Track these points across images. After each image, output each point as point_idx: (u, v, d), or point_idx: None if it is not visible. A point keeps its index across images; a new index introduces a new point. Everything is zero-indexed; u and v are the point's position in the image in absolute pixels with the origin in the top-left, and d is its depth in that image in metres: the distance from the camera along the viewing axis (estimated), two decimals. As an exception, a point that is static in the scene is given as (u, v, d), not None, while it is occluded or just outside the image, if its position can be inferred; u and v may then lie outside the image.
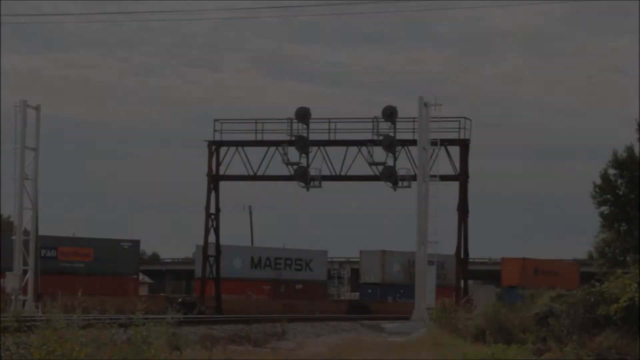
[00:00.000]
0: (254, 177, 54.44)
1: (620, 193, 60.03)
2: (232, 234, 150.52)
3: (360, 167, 54.55)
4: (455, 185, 52.00)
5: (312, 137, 53.08)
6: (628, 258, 59.27)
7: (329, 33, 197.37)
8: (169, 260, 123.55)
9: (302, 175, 52.76)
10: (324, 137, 53.26)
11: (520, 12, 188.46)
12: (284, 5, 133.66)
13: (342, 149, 53.20)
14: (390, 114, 51.93)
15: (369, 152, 52.26)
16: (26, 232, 50.81)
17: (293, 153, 53.18)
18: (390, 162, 52.01)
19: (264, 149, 53.82)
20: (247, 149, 54.31)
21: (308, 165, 53.05)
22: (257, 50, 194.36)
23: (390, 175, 51.76)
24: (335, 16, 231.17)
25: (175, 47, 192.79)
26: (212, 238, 55.61)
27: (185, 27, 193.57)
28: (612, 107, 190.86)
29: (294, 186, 53.65)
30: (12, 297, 47.83)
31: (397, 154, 51.93)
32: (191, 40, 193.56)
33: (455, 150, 52.04)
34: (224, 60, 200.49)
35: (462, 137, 51.76)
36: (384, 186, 52.59)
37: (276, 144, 53.47)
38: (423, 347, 28.75)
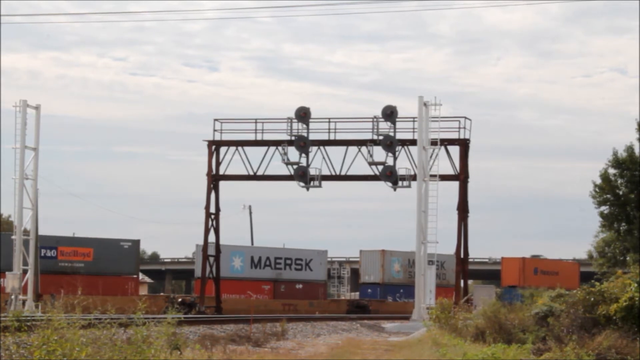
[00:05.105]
0: (254, 177, 54.45)
1: (620, 193, 60.00)
2: (232, 234, 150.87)
3: (360, 166, 54.60)
4: (455, 185, 52.08)
5: (312, 136, 53.09)
6: (628, 258, 59.26)
7: (327, 33, 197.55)
8: (169, 260, 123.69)
9: (302, 175, 52.75)
10: (324, 136, 53.28)
11: (519, 11, 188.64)
12: (281, 5, 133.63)
13: (342, 148, 53.27)
14: (390, 113, 51.92)
15: (368, 151, 52.26)
16: (26, 232, 50.82)
17: (293, 153, 53.24)
18: (390, 162, 52.02)
19: (264, 148, 53.85)
20: (247, 148, 54.36)
21: (308, 165, 53.04)
22: (256, 50, 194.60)
23: (390, 175, 51.76)
24: (334, 16, 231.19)
25: (172, 46, 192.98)
26: (212, 238, 55.63)
27: (182, 27, 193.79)
28: (612, 107, 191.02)
29: (294, 186, 53.71)
30: (12, 296, 47.85)
31: (397, 153, 51.93)
32: (189, 40, 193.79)
33: (455, 150, 52.12)
34: (222, 59, 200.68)
35: (462, 136, 51.79)
36: (384, 186, 52.64)
37: (276, 143, 53.48)
38: (423, 347, 28.77)
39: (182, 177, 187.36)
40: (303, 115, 52.88)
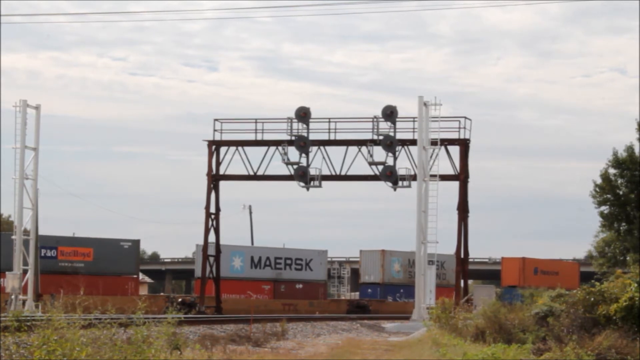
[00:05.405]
0: (254, 177, 54.45)
1: (620, 193, 60.00)
2: (232, 234, 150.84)
3: (360, 166, 54.56)
4: (455, 185, 52.07)
5: (312, 136, 53.09)
6: (628, 258, 59.27)
7: (326, 33, 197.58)
8: (169, 260, 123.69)
9: (302, 175, 52.74)
10: (324, 136, 53.29)
11: (518, 11, 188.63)
12: (281, 5, 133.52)
13: (342, 148, 53.26)
14: (390, 113, 51.91)
15: (369, 151, 52.25)
16: (26, 232, 50.81)
17: (293, 153, 53.24)
18: (390, 162, 52.02)
19: (264, 148, 53.85)
20: (247, 148, 54.35)
21: (308, 165, 53.04)
22: (255, 50, 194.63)
23: (390, 175, 51.75)
24: (333, 16, 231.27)
25: (172, 46, 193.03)
26: (212, 238, 55.62)
27: (182, 27, 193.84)
28: (612, 107, 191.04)
29: (294, 186, 53.70)
30: (12, 296, 47.84)
31: (397, 153, 51.92)
32: (188, 40, 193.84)
33: (455, 150, 52.11)
34: (222, 59, 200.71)
35: (462, 136, 51.78)
36: (384, 186, 52.63)
37: (276, 143, 53.47)
38: (423, 347, 28.77)
39: (182, 177, 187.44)
40: (303, 115, 52.87)
